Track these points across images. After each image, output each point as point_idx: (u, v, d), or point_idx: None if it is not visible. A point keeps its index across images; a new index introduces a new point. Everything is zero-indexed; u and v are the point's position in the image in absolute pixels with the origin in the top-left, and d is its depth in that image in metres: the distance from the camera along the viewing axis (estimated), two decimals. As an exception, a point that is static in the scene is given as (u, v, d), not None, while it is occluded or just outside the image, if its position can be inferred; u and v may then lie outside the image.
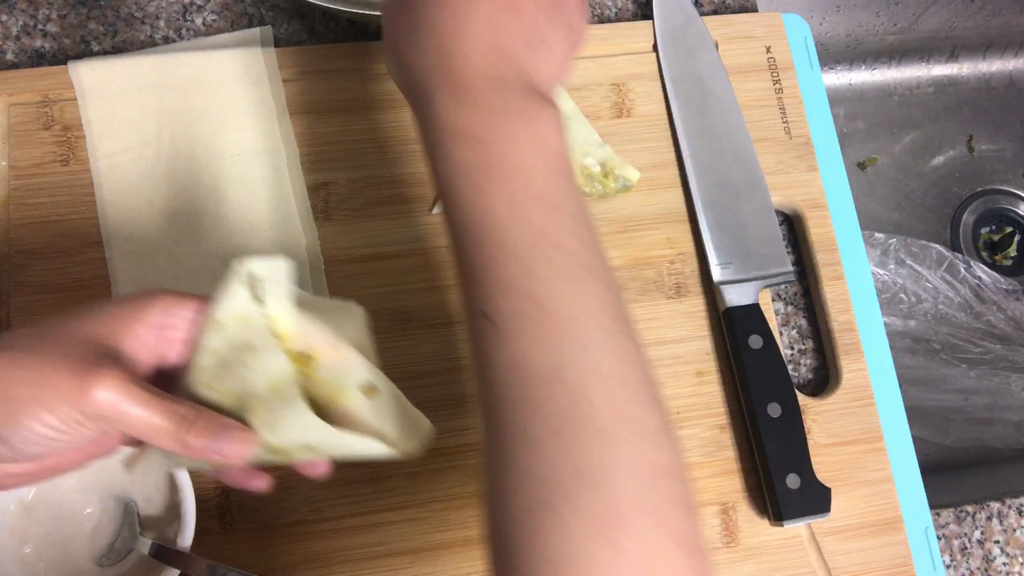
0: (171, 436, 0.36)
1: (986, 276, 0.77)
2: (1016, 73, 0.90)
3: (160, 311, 0.38)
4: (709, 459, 0.56)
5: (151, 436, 0.36)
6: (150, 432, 0.36)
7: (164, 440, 0.36)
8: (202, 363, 0.38)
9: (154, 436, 0.36)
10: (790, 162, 0.62)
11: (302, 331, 0.40)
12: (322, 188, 0.58)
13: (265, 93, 0.59)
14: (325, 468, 0.41)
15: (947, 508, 0.59)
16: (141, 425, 0.35)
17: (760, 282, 0.58)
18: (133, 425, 0.35)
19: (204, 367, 0.38)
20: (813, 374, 0.61)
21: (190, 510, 0.47)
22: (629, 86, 0.63)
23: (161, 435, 0.36)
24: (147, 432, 0.36)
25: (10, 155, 0.57)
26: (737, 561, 0.54)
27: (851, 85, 0.88)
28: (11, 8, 0.62)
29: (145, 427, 0.35)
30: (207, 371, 0.38)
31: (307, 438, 0.38)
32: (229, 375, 0.38)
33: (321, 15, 0.64)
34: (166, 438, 0.36)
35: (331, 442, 0.38)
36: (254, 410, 0.37)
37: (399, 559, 0.52)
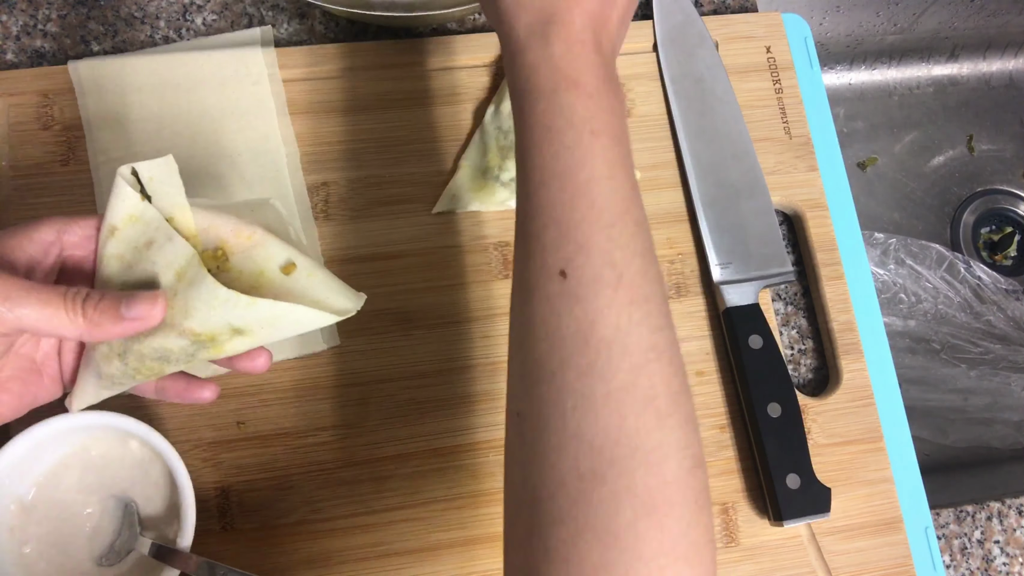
0: (70, 317, 0.35)
1: (986, 276, 0.77)
2: (1016, 73, 0.90)
3: (48, 229, 0.38)
4: (709, 459, 0.56)
5: (49, 322, 0.35)
6: (46, 319, 0.35)
7: (65, 324, 0.35)
8: (106, 271, 0.38)
9: (52, 322, 0.35)
10: (790, 162, 0.62)
11: (205, 224, 0.39)
12: (322, 188, 0.58)
13: (265, 93, 0.59)
14: (265, 359, 0.41)
15: (947, 508, 0.59)
16: (34, 314, 0.35)
17: (760, 282, 0.58)
18: (25, 317, 0.35)
19: (108, 275, 0.38)
20: (813, 374, 0.61)
21: (190, 510, 0.47)
22: (629, 86, 0.63)
23: (60, 320, 0.35)
24: (43, 320, 0.35)
25: (10, 155, 0.57)
26: (737, 561, 0.54)
27: (851, 85, 0.88)
28: (11, 8, 0.62)
29: (39, 316, 0.35)
30: (112, 278, 0.38)
31: (228, 317, 0.37)
32: (132, 274, 0.38)
33: (321, 15, 0.64)
34: (66, 321, 0.35)
35: (254, 317, 0.37)
36: (168, 301, 0.37)
37: (399, 559, 0.52)
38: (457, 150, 0.60)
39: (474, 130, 0.60)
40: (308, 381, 0.54)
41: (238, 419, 0.53)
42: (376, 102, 0.60)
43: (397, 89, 0.61)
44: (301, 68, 0.60)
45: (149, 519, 0.49)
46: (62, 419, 0.47)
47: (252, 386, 0.54)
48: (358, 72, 0.61)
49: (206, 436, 0.53)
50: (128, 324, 0.36)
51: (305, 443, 0.53)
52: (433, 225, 0.58)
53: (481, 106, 0.61)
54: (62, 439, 0.48)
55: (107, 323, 0.36)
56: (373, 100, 0.60)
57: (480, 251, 0.58)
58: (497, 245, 0.58)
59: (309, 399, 0.54)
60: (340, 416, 0.54)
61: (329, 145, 0.59)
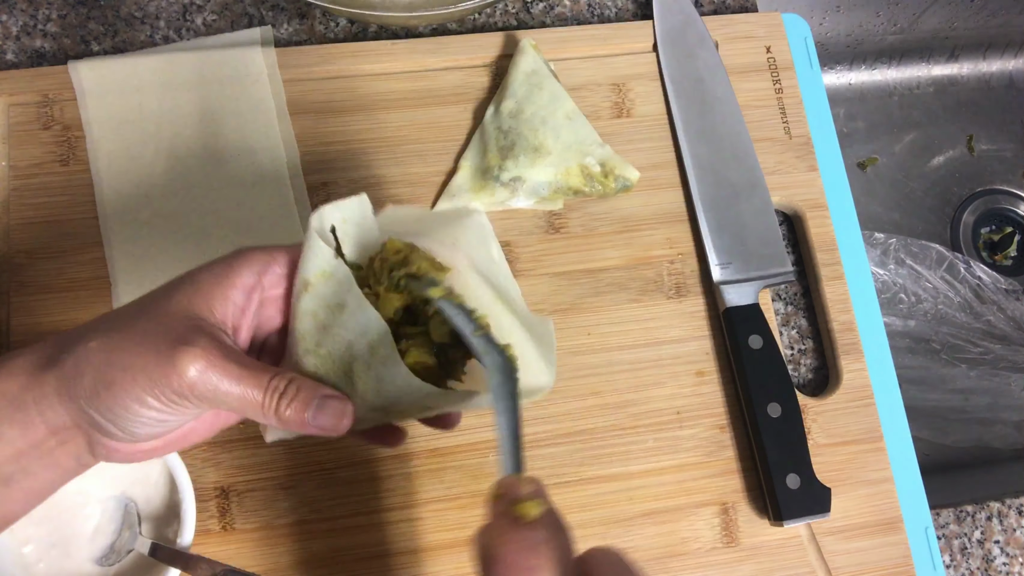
0: (265, 409, 0.35)
1: (986, 276, 0.77)
2: (1016, 73, 0.90)
3: (249, 272, 0.37)
4: (709, 459, 0.56)
5: (245, 410, 0.35)
6: (243, 406, 0.34)
7: (258, 414, 0.35)
8: (300, 327, 0.36)
9: (248, 410, 0.35)
10: (790, 162, 0.62)
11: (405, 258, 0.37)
12: (322, 188, 0.58)
13: (265, 93, 0.59)
14: (456, 417, 0.40)
15: (947, 508, 0.59)
16: (234, 400, 0.34)
17: (760, 282, 0.58)
18: (226, 400, 0.34)
19: (302, 331, 0.36)
20: (813, 374, 0.61)
21: (190, 510, 0.47)
22: (629, 86, 0.63)
23: (255, 409, 0.35)
24: (241, 406, 0.35)
25: (10, 155, 0.57)
26: (737, 561, 0.54)
27: (851, 85, 0.88)
28: (11, 8, 0.62)
29: (238, 401, 0.34)
30: (306, 335, 0.36)
31: (421, 400, 0.35)
32: (327, 337, 0.36)
33: (321, 15, 0.64)
34: (259, 412, 0.35)
35: (446, 401, 0.35)
36: (357, 373, 0.35)
37: (399, 559, 0.52)
38: (457, 150, 0.60)
39: (474, 130, 0.60)
40: (308, 381, 0.54)
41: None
42: (376, 102, 0.60)
43: (397, 89, 0.61)
44: (301, 68, 0.60)
45: (149, 519, 0.49)
46: (62, 419, 0.47)
47: (252, 386, 0.54)
48: (358, 72, 0.61)
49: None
50: (311, 431, 0.35)
51: (305, 443, 0.53)
52: (433, 225, 0.58)
53: (481, 106, 0.61)
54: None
55: (295, 424, 0.35)
56: (373, 100, 0.60)
57: (480, 251, 0.58)
58: (497, 245, 0.58)
59: (309, 399, 0.54)
60: (340, 416, 0.54)
61: (329, 145, 0.59)
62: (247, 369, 0.34)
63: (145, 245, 0.55)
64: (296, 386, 0.35)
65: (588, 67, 0.63)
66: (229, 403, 0.34)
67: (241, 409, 0.35)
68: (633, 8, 0.67)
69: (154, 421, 0.34)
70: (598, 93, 0.62)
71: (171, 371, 0.33)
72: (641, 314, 0.58)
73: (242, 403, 0.34)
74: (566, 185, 0.58)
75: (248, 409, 0.35)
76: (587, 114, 0.61)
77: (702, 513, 0.55)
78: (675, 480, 0.55)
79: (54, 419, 0.34)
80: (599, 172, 0.59)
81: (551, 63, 0.62)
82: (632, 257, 0.59)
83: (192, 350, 0.33)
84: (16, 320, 0.54)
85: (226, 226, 0.56)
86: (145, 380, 0.33)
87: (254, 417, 0.35)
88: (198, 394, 0.34)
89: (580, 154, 0.59)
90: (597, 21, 0.67)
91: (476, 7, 0.58)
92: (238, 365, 0.34)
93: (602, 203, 0.60)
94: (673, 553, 0.54)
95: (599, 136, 0.59)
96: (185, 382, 0.33)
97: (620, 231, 0.60)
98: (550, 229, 0.59)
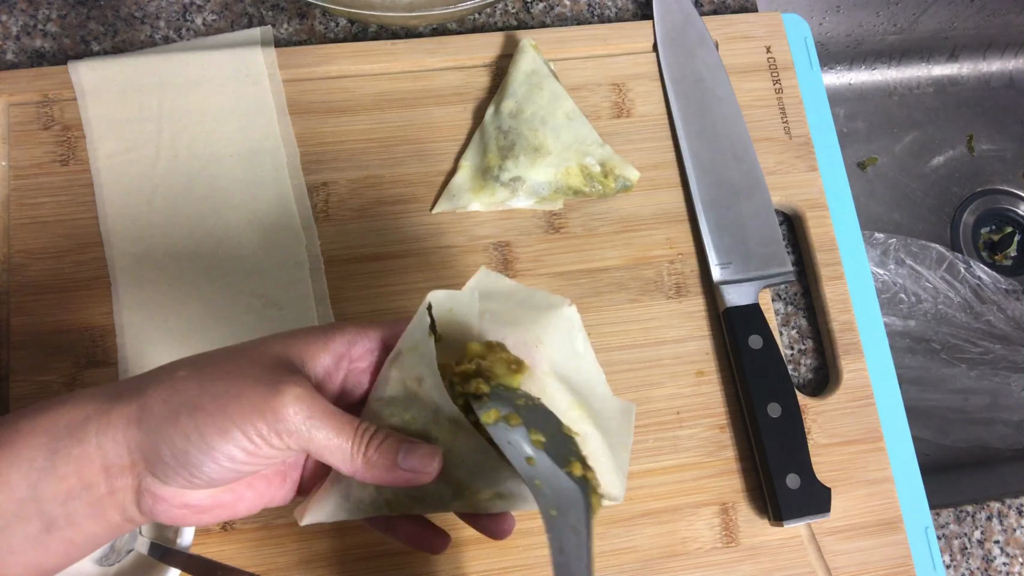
0: (354, 451, 0.34)
1: (986, 276, 0.77)
2: (1016, 73, 0.90)
3: (342, 340, 0.37)
4: (709, 459, 0.56)
5: (333, 453, 0.34)
6: (332, 449, 0.34)
7: (345, 457, 0.34)
8: (382, 392, 0.37)
9: (336, 453, 0.34)
10: (790, 162, 0.62)
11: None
12: (322, 188, 0.58)
13: (265, 93, 0.59)
14: (511, 525, 0.39)
15: (947, 508, 0.59)
16: (324, 440, 0.34)
17: (760, 282, 0.58)
18: (317, 439, 0.34)
19: (383, 395, 0.37)
20: (813, 374, 0.61)
21: (190, 510, 0.47)
22: (629, 86, 0.63)
23: (343, 452, 0.34)
24: (329, 449, 0.34)
25: (10, 155, 0.57)
26: (737, 561, 0.54)
27: (851, 85, 0.88)
28: (11, 8, 0.62)
29: (328, 443, 0.34)
30: (393, 401, 0.36)
31: (496, 483, 0.36)
32: (412, 407, 0.36)
33: (321, 15, 0.64)
34: (348, 454, 0.34)
35: (521, 490, 0.35)
36: (435, 437, 0.36)
37: (399, 559, 0.52)
38: (457, 150, 0.60)
39: (474, 130, 0.60)
40: (308, 381, 0.54)
41: (238, 419, 0.53)
42: (376, 102, 0.60)
43: (397, 89, 0.61)
44: (301, 68, 0.60)
45: (149, 519, 0.49)
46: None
47: (252, 386, 0.54)
48: (358, 72, 0.61)
49: (206, 436, 0.53)
50: (400, 475, 0.35)
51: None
52: (433, 225, 0.58)
53: (481, 106, 0.61)
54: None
55: (381, 468, 0.35)
56: (373, 100, 0.60)
57: (480, 251, 0.58)
58: (497, 245, 0.58)
59: (309, 399, 0.54)
60: (340, 416, 0.54)
61: (329, 145, 0.59)
62: (340, 412, 0.35)
63: (145, 245, 0.55)
64: (384, 432, 0.35)
65: (588, 67, 0.63)
66: (318, 443, 0.34)
67: (328, 450, 0.34)
68: (633, 8, 0.67)
69: (225, 459, 0.33)
70: (598, 93, 0.62)
71: (272, 401, 0.33)
72: (641, 314, 0.58)
73: (331, 444, 0.34)
74: (566, 185, 0.58)
75: (336, 452, 0.34)
76: (587, 114, 0.61)
77: (702, 513, 0.55)
78: (675, 480, 0.55)
79: (112, 454, 0.33)
80: (599, 172, 0.59)
81: (551, 63, 0.62)
82: (632, 257, 0.59)
83: (295, 382, 0.34)
84: (16, 320, 0.54)
85: (226, 226, 0.56)
86: (241, 409, 0.33)
87: (338, 461, 0.35)
88: (292, 429, 0.33)
89: (580, 154, 0.59)
90: (597, 21, 0.67)
91: (476, 7, 0.58)
92: (332, 408, 0.34)
93: (602, 203, 0.60)
94: (673, 553, 0.54)
95: (599, 136, 0.59)
96: (285, 414, 0.33)
97: (620, 231, 0.60)
98: (550, 229, 0.59)
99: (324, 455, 0.34)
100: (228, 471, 0.34)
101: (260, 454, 0.33)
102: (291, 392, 0.33)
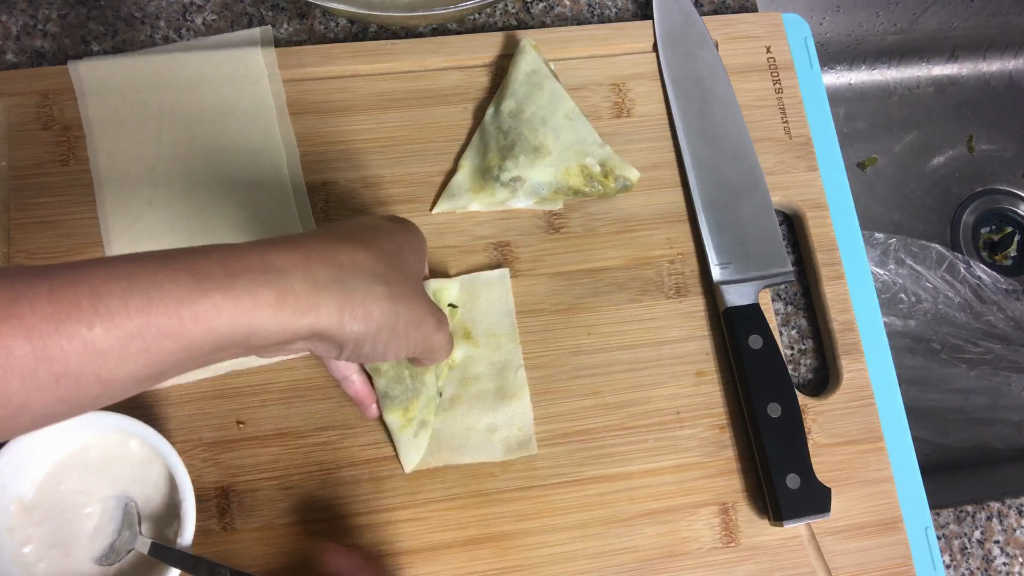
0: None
1: (986, 276, 0.77)
2: (1016, 73, 0.90)
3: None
4: (709, 459, 0.56)
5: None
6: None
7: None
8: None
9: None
10: (790, 162, 0.62)
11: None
12: (322, 188, 0.58)
13: (265, 93, 0.59)
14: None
15: (947, 508, 0.59)
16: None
17: (760, 282, 0.58)
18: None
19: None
20: (813, 374, 0.61)
21: (190, 510, 0.47)
22: (629, 86, 0.63)
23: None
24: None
25: (10, 155, 0.57)
26: (737, 561, 0.54)
27: (851, 85, 0.88)
28: (11, 8, 0.62)
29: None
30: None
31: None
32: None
33: (321, 15, 0.64)
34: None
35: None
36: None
37: (399, 559, 0.52)
38: (457, 150, 0.60)
39: (474, 130, 0.60)
40: (308, 381, 0.54)
41: (238, 419, 0.53)
42: (376, 102, 0.60)
43: (397, 89, 0.61)
44: (301, 68, 0.60)
45: (149, 519, 0.49)
46: (62, 419, 0.47)
47: (252, 386, 0.54)
48: (358, 72, 0.61)
49: (206, 436, 0.53)
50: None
51: (305, 443, 0.53)
52: (433, 225, 0.58)
53: (481, 106, 0.61)
54: (62, 439, 0.48)
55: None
56: (373, 100, 0.60)
57: (480, 251, 0.58)
58: (497, 245, 0.58)
59: (309, 399, 0.54)
60: (340, 416, 0.54)
61: (329, 145, 0.59)
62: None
63: (145, 245, 0.55)
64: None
65: (588, 67, 0.63)
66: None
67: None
68: (633, 8, 0.67)
69: (383, 359, 0.42)
70: (598, 93, 0.62)
71: (439, 337, 0.44)
72: (641, 314, 0.58)
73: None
74: (566, 185, 0.58)
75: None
76: (587, 114, 0.61)
77: (702, 513, 0.55)
78: (675, 480, 0.55)
79: (298, 326, 0.37)
80: (599, 172, 0.59)
81: (551, 63, 0.62)
82: (632, 257, 0.59)
83: (447, 328, 0.46)
84: (16, 320, 0.54)
85: (226, 226, 0.56)
86: (416, 336, 0.42)
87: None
88: (436, 359, 0.47)
89: (580, 154, 0.59)
90: (597, 21, 0.67)
91: (476, 7, 0.58)
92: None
93: (602, 203, 0.60)
94: (673, 553, 0.54)
95: (599, 136, 0.59)
96: (443, 352, 0.46)
97: (620, 231, 0.60)
98: (550, 229, 0.59)
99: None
100: (367, 361, 0.45)
101: (398, 358, 0.43)
102: (447, 332, 0.45)
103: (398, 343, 0.41)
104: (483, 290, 0.57)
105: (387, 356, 0.42)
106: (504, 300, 0.56)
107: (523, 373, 0.55)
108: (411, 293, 0.42)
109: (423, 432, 0.53)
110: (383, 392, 0.52)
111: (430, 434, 0.53)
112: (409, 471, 0.53)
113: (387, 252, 0.42)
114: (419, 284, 0.44)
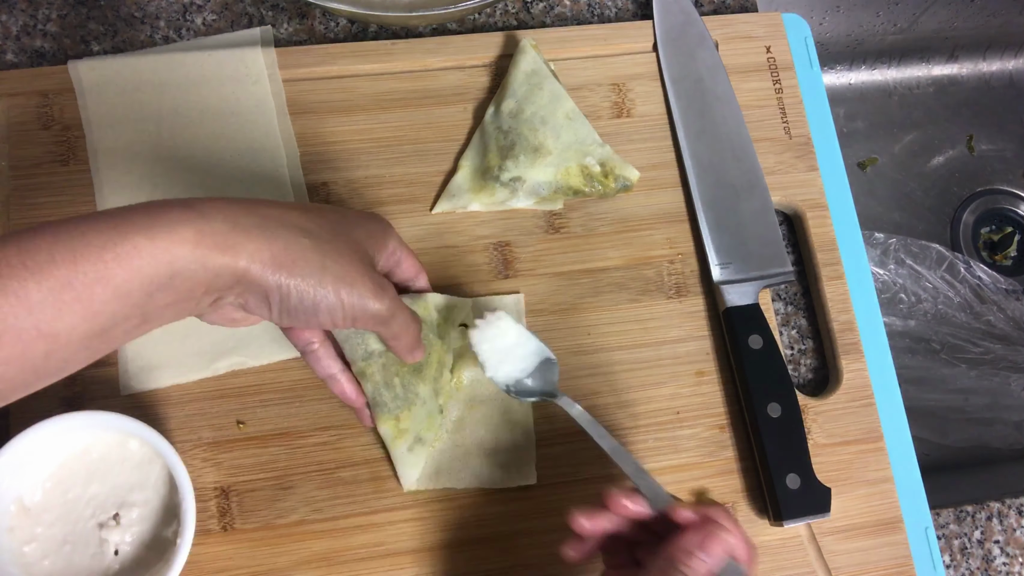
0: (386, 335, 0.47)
1: (986, 276, 0.77)
2: (1016, 73, 0.90)
3: (395, 243, 0.48)
4: (709, 459, 0.56)
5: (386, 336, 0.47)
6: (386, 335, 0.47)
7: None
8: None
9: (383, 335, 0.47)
10: (790, 162, 0.62)
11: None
12: (322, 188, 0.58)
13: (265, 93, 0.59)
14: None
15: (947, 508, 0.59)
16: (384, 332, 0.46)
17: (760, 282, 0.58)
18: (378, 330, 0.46)
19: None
20: (813, 374, 0.61)
21: (190, 510, 0.47)
22: (629, 86, 0.63)
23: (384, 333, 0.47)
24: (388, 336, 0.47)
25: (10, 155, 0.57)
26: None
27: (851, 85, 0.88)
28: (11, 8, 0.62)
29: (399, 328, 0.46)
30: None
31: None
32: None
33: (321, 15, 0.64)
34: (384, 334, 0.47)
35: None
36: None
37: (399, 559, 0.52)
38: (457, 150, 0.60)
39: (474, 130, 0.60)
40: (308, 381, 0.54)
41: (238, 419, 0.53)
42: (376, 102, 0.60)
43: (397, 89, 0.61)
44: (301, 68, 0.60)
45: (149, 519, 0.49)
46: (62, 419, 0.47)
47: (252, 386, 0.54)
48: (358, 72, 0.61)
49: (206, 436, 0.53)
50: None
51: (305, 443, 0.53)
52: (433, 225, 0.58)
53: (481, 106, 0.61)
54: (62, 440, 0.48)
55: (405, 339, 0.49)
56: (373, 100, 0.60)
57: (480, 251, 0.58)
58: (497, 245, 0.58)
59: (309, 399, 0.54)
60: (340, 416, 0.54)
61: (329, 145, 0.59)
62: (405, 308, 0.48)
63: (145, 245, 0.55)
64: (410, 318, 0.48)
65: (588, 67, 0.63)
66: (377, 331, 0.47)
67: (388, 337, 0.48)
68: (633, 8, 0.67)
69: (315, 321, 0.42)
70: (598, 93, 0.62)
71: (377, 302, 0.43)
72: (641, 314, 0.58)
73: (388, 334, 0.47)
74: (566, 185, 0.58)
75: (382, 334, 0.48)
76: (587, 114, 0.61)
77: (702, 513, 0.55)
78: (675, 480, 0.55)
79: (222, 283, 0.38)
80: (599, 172, 0.59)
81: (551, 63, 0.62)
82: (632, 257, 0.59)
83: (391, 296, 0.44)
84: (16, 320, 0.54)
85: (226, 226, 0.56)
86: (348, 295, 0.41)
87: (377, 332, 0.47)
88: (372, 324, 0.44)
89: (580, 154, 0.59)
90: (597, 21, 0.67)
91: (476, 7, 0.58)
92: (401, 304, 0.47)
93: (602, 203, 0.60)
94: (673, 553, 0.54)
95: (599, 136, 0.59)
96: (381, 315, 0.44)
97: (620, 231, 0.60)
98: (550, 229, 0.59)
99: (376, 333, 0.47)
100: (304, 324, 0.42)
101: (335, 324, 0.43)
102: (389, 303, 0.44)
103: (328, 301, 0.41)
104: None
105: (320, 316, 0.41)
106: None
107: (529, 402, 0.55)
108: (344, 252, 0.42)
109: (419, 448, 0.52)
110: (372, 398, 0.51)
111: (427, 453, 0.53)
112: (408, 490, 0.53)
113: (326, 218, 0.42)
114: (360, 253, 0.43)
